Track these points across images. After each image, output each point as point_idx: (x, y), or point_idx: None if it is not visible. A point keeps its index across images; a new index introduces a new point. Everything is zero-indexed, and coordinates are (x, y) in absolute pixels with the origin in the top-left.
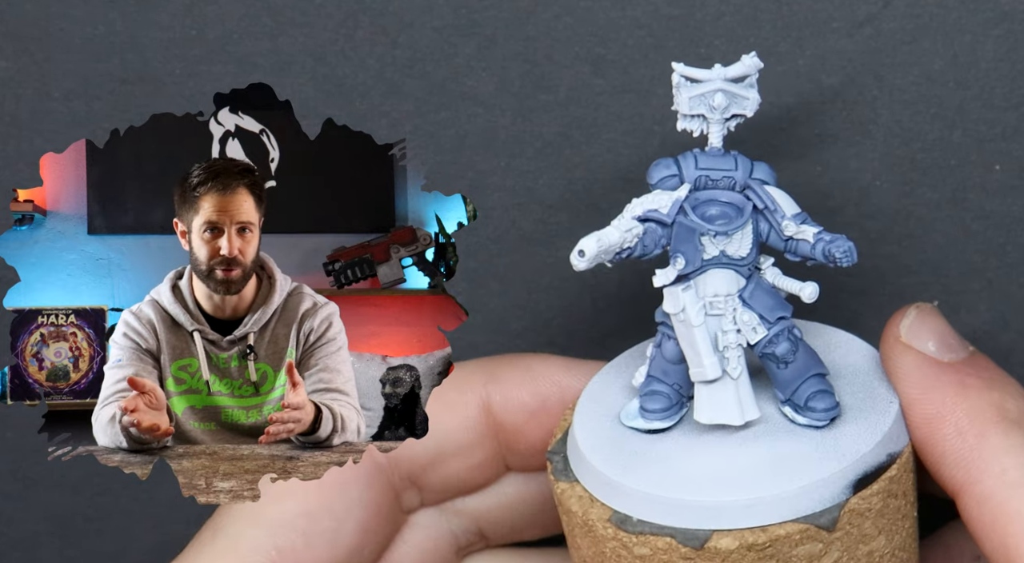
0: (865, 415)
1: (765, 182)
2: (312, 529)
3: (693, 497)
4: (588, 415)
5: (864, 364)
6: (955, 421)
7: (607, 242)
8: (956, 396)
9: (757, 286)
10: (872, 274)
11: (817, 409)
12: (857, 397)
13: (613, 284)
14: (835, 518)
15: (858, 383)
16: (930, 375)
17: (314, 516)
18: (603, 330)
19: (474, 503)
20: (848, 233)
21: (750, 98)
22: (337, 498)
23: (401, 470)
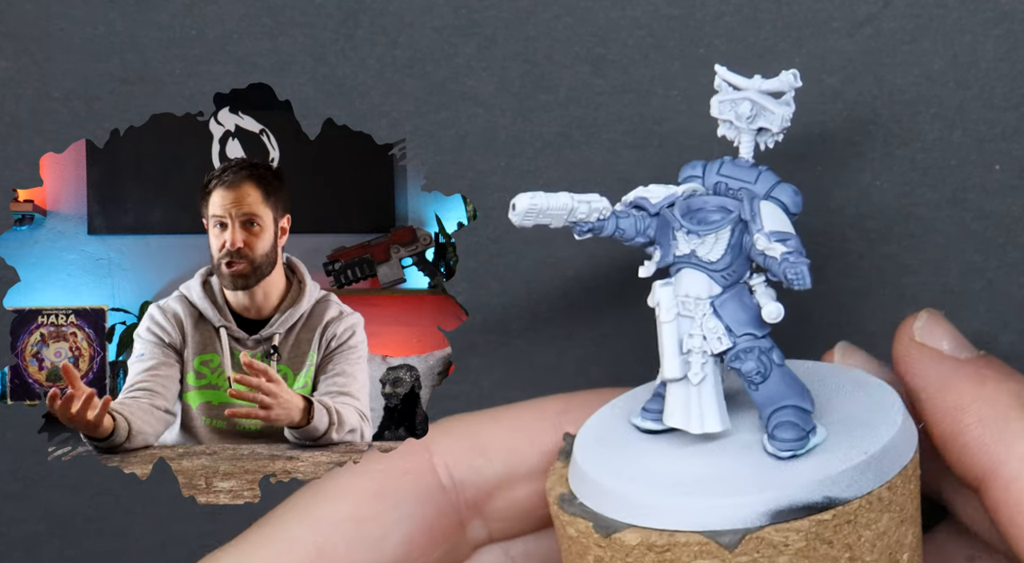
0: (827, 457)
1: (776, 198)
2: (356, 534)
3: (621, 490)
4: (600, 413)
5: (871, 413)
6: (976, 410)
7: (547, 203)
8: (975, 387)
9: (734, 297)
10: (872, 274)
11: (779, 438)
12: (839, 438)
13: (614, 285)
14: (738, 540)
15: (851, 427)
16: (947, 370)
17: (361, 522)
18: (604, 331)
19: (540, 547)
20: (848, 233)
21: (776, 113)
22: (388, 508)
23: (467, 494)
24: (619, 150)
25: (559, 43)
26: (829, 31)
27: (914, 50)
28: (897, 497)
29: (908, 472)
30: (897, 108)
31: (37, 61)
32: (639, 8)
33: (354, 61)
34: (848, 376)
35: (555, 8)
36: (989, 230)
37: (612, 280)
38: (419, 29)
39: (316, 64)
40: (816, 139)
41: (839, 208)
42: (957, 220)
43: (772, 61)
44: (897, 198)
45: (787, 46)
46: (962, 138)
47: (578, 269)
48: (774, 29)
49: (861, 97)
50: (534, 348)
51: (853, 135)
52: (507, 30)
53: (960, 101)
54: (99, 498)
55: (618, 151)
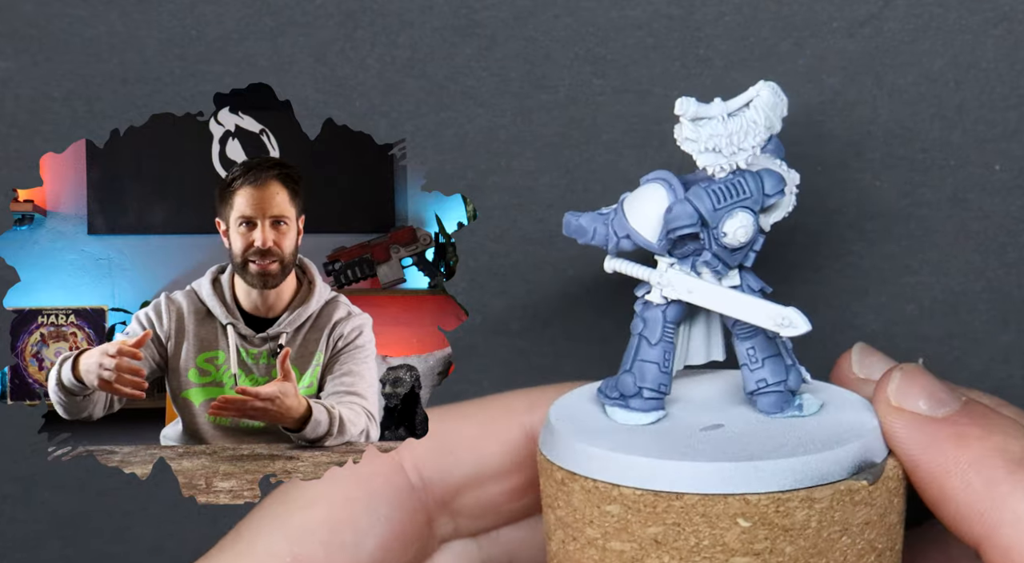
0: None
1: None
2: (332, 540)
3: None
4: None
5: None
6: (961, 474)
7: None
8: (957, 449)
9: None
10: (872, 274)
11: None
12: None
13: (614, 285)
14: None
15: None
16: (927, 433)
17: (337, 527)
18: (603, 331)
19: (508, 534)
20: (848, 233)
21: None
22: (363, 513)
23: (436, 492)
24: (619, 150)
25: (559, 43)
26: (829, 31)
27: (914, 50)
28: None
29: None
30: (897, 108)
31: (37, 61)
32: (639, 8)
33: (354, 61)
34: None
35: (555, 8)
36: (989, 230)
37: (612, 280)
38: (419, 29)
39: (316, 64)
40: (816, 139)
41: (839, 208)
42: (957, 220)
43: (772, 61)
44: (897, 198)
45: (787, 46)
46: (962, 138)
47: (578, 269)
48: (774, 29)
49: (861, 97)
50: (534, 348)
51: (853, 135)
52: (507, 30)
53: (960, 101)
54: (99, 498)
55: (618, 151)
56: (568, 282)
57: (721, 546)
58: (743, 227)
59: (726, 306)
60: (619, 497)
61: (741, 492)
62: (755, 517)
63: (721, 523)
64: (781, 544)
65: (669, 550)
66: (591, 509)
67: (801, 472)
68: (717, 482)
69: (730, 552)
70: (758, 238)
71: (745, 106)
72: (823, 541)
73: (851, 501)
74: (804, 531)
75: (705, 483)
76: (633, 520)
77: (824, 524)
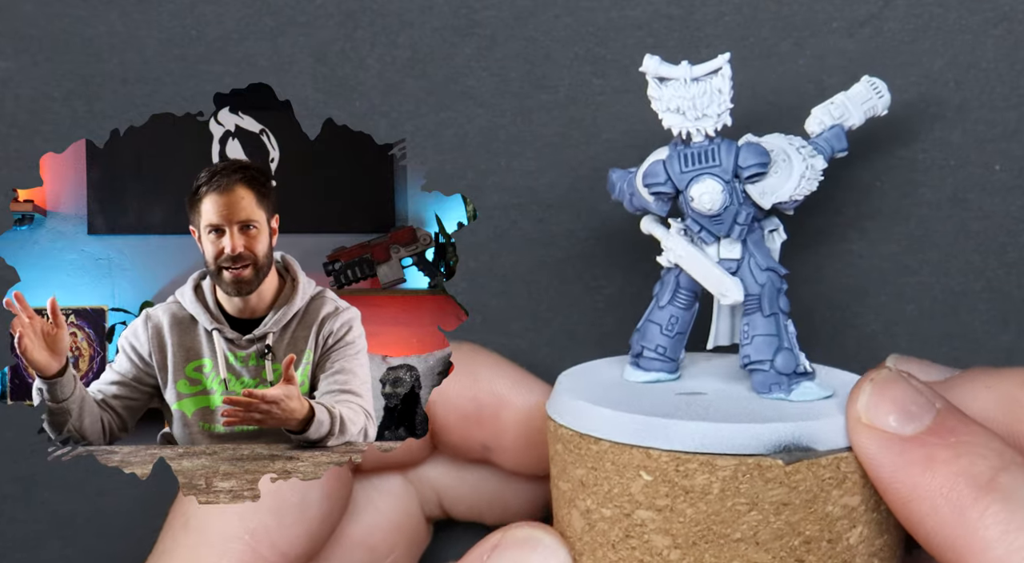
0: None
1: None
2: (280, 506)
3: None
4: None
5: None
6: (929, 499)
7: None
8: (924, 473)
9: None
10: (872, 274)
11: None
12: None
13: (614, 285)
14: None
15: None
16: (895, 454)
17: (280, 493)
18: (603, 330)
19: (433, 475)
20: (848, 233)
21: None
22: None
23: None
24: (619, 150)
25: (559, 43)
26: (829, 31)
27: (914, 50)
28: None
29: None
30: (897, 108)
31: (37, 61)
32: (639, 8)
33: (354, 61)
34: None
35: (555, 8)
36: (989, 230)
37: (612, 280)
38: (419, 29)
39: (316, 64)
40: None
41: (839, 208)
42: (957, 220)
43: (772, 61)
44: (897, 198)
45: (787, 46)
46: (962, 138)
47: (578, 269)
48: (774, 29)
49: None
50: (534, 348)
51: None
52: (507, 30)
53: (960, 101)
54: (99, 498)
55: (618, 151)
56: (568, 282)
57: (628, 496)
58: (707, 194)
59: (694, 271)
60: (561, 437)
61: (646, 445)
62: (656, 472)
63: (627, 473)
64: (681, 505)
65: (591, 493)
66: (552, 450)
67: (706, 437)
68: (627, 433)
69: (635, 504)
70: (742, 211)
71: (712, 73)
72: (727, 510)
73: (761, 477)
74: (705, 496)
75: (616, 431)
76: (568, 461)
77: (728, 493)
